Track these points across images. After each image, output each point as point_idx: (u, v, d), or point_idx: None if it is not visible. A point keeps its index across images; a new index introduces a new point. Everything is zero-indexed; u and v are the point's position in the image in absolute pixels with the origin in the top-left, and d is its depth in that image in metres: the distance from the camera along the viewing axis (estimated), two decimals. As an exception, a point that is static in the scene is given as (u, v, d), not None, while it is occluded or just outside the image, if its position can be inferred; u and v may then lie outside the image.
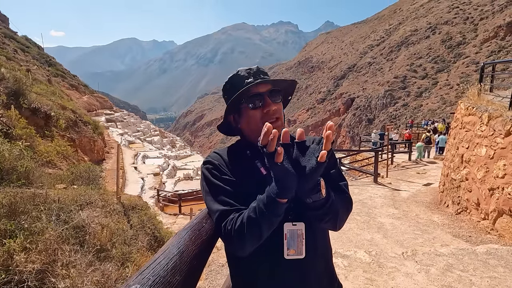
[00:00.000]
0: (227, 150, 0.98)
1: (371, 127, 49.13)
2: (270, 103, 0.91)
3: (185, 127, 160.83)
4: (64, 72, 32.14)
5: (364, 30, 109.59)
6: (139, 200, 7.08)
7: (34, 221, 3.60)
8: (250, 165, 0.91)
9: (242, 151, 0.96)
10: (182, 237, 0.65)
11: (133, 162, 16.72)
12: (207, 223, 0.78)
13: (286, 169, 0.71)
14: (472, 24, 61.12)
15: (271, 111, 0.91)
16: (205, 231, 0.75)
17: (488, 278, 2.57)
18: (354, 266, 2.67)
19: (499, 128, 4.23)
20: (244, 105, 0.92)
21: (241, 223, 0.77)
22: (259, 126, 0.87)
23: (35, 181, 5.02)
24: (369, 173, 9.02)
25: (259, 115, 0.91)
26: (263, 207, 0.74)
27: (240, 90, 0.90)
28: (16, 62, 18.02)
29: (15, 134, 6.57)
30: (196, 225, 0.75)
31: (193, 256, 0.60)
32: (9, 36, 27.29)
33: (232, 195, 0.84)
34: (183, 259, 0.56)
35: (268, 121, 0.80)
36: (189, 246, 0.63)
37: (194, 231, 0.72)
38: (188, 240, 0.65)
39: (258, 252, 0.83)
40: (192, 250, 0.62)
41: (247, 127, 0.95)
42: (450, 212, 5.31)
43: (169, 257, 0.54)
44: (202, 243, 0.70)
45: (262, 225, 0.75)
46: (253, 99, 0.90)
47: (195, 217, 0.80)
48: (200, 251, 0.65)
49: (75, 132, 11.48)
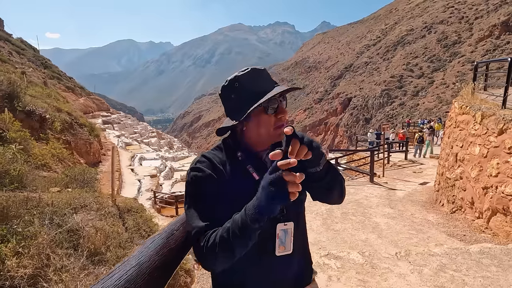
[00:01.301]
0: (217, 153, 0.94)
1: (368, 126, 49.23)
2: (283, 109, 0.90)
3: (183, 128, 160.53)
4: (60, 74, 31.97)
5: (361, 30, 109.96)
6: (134, 202, 7.04)
7: (27, 225, 3.57)
8: (242, 170, 0.90)
9: (233, 154, 0.93)
10: (147, 246, 0.63)
11: (130, 164, 16.65)
12: (178, 230, 0.76)
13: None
14: (467, 23, 61.50)
15: (285, 117, 0.90)
16: (175, 239, 0.72)
17: (481, 278, 2.57)
18: (347, 267, 2.66)
19: (492, 127, 4.24)
20: (258, 109, 0.87)
21: (213, 241, 0.75)
22: (270, 132, 0.89)
23: (28, 185, 4.98)
24: (365, 173, 9.03)
25: (272, 120, 0.89)
26: (238, 231, 0.72)
27: (266, 96, 0.85)
28: (11, 64, 17.90)
29: (9, 137, 6.52)
30: (165, 233, 0.73)
31: (154, 267, 0.58)
32: (4, 38, 27.13)
33: (215, 211, 0.82)
34: (142, 271, 0.54)
35: (279, 127, 0.88)
36: (152, 257, 0.60)
37: (162, 239, 0.70)
38: (153, 250, 0.63)
39: (250, 251, 0.83)
40: (154, 261, 0.60)
41: (256, 132, 0.91)
42: (445, 211, 5.32)
43: (125, 270, 0.52)
44: (169, 252, 0.67)
45: (236, 247, 0.74)
46: (271, 104, 0.87)
47: (168, 224, 0.78)
48: (165, 262, 0.63)
49: (70, 134, 11.42)
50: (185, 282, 5.90)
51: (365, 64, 78.21)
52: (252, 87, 0.89)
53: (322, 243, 3.93)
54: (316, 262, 2.74)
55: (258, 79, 0.90)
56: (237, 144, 0.95)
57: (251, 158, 0.93)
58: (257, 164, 0.92)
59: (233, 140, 0.96)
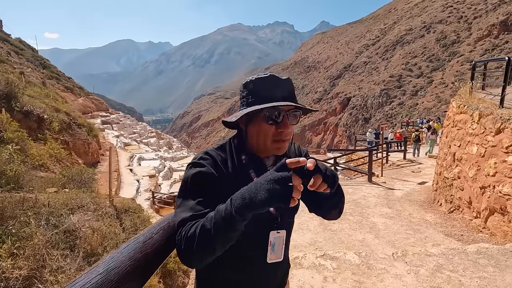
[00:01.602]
0: (221, 152, 0.92)
1: (367, 126, 49.25)
2: (287, 124, 0.86)
3: (182, 128, 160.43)
4: (59, 74, 31.91)
5: (360, 29, 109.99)
6: (132, 202, 7.02)
7: (23, 226, 3.56)
8: (244, 173, 0.90)
9: (237, 156, 0.92)
10: (120, 251, 0.61)
11: (129, 164, 16.62)
12: (158, 234, 0.74)
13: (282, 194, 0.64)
14: (466, 22, 61.54)
15: (285, 133, 0.87)
16: (152, 243, 0.70)
17: (477, 279, 2.56)
18: (343, 268, 2.65)
19: (489, 126, 4.24)
20: (259, 116, 0.86)
21: (193, 231, 0.71)
22: (267, 142, 0.87)
23: (25, 185, 4.96)
24: (363, 173, 9.02)
25: (272, 131, 0.86)
26: (221, 221, 0.68)
27: (269, 104, 0.83)
28: (10, 64, 17.84)
29: (6, 137, 6.49)
30: (143, 236, 0.71)
31: (125, 274, 0.56)
32: (2, 38, 27.08)
33: (207, 207, 0.79)
34: (109, 279, 0.52)
35: (277, 141, 0.87)
36: (123, 262, 0.57)
37: (137, 243, 0.67)
38: (126, 255, 0.60)
39: (240, 259, 0.88)
40: (126, 267, 0.57)
41: (255, 137, 0.90)
42: (443, 211, 5.31)
43: (90, 278, 0.50)
44: (144, 257, 0.65)
45: (217, 239, 0.69)
46: (273, 114, 0.84)
47: (148, 228, 0.76)
48: (138, 267, 0.61)
49: (69, 134, 11.38)
50: (183, 283, 5.88)
51: (364, 64, 78.24)
52: (262, 92, 0.87)
53: (318, 243, 3.92)
54: (312, 263, 2.73)
55: (272, 87, 0.87)
56: (242, 146, 0.93)
57: (255, 163, 0.92)
58: (260, 170, 0.90)
59: (238, 141, 0.95)
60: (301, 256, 2.85)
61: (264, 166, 0.93)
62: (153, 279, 4.99)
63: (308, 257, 2.82)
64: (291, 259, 2.88)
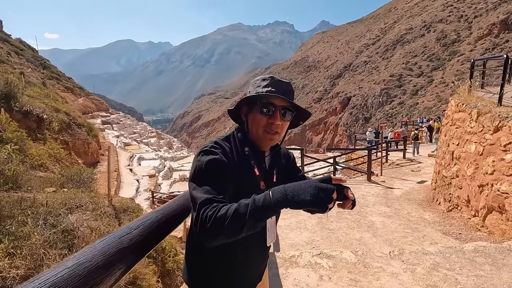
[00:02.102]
0: (227, 143, 1.00)
1: (367, 125, 49.22)
2: (278, 117, 0.97)
3: (182, 128, 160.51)
4: (59, 74, 31.92)
5: (360, 29, 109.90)
6: (131, 202, 7.02)
7: (20, 226, 3.55)
8: (246, 163, 0.99)
9: (241, 147, 1.01)
10: (93, 246, 0.59)
11: (129, 164, 16.63)
12: (137, 229, 0.73)
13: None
14: (466, 22, 61.47)
15: (275, 125, 0.98)
16: (130, 238, 0.69)
17: (474, 277, 2.56)
18: (339, 266, 2.64)
19: (488, 124, 4.23)
20: (256, 107, 0.98)
21: (225, 213, 0.76)
22: (259, 130, 0.99)
23: (23, 185, 4.96)
24: (362, 172, 9.01)
25: (264, 121, 0.98)
26: (257, 209, 0.75)
27: (259, 93, 0.98)
28: (10, 65, 17.86)
29: (5, 137, 6.49)
30: (121, 231, 0.70)
31: (95, 269, 0.55)
32: (2, 39, 27.11)
33: (222, 190, 0.86)
34: (77, 273, 0.50)
35: (267, 132, 0.99)
36: (95, 257, 0.56)
37: (114, 238, 0.66)
38: (99, 250, 0.59)
39: (242, 243, 0.94)
40: (97, 262, 0.56)
41: (251, 124, 1.01)
42: (441, 209, 5.31)
43: (56, 272, 0.49)
44: (119, 252, 0.63)
45: (246, 224, 0.75)
46: (266, 106, 0.97)
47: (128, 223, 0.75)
48: (111, 262, 0.60)
49: (68, 134, 11.39)
50: (182, 282, 5.89)
51: (365, 63, 78.18)
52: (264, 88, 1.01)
53: (316, 242, 3.91)
54: (308, 262, 2.72)
55: (273, 84, 1.01)
56: (245, 139, 1.03)
57: (256, 155, 1.03)
58: (260, 162, 1.03)
59: (242, 134, 1.04)
60: (297, 255, 2.85)
61: (263, 159, 1.06)
62: (152, 278, 4.99)
63: (304, 255, 2.81)
64: (287, 257, 2.88)
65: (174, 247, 6.40)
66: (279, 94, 0.97)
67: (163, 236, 0.91)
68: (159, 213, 0.91)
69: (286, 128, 1.03)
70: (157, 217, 0.88)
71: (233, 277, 1.02)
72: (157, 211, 0.93)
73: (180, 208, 1.09)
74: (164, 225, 0.90)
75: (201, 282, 1.03)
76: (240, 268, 1.03)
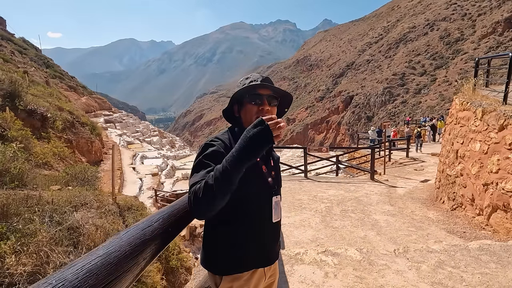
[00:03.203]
0: (227, 137, 1.14)
1: (370, 124, 49.05)
2: (266, 103, 1.15)
3: (185, 127, 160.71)
4: (62, 73, 32.06)
5: (362, 27, 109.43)
6: (135, 200, 7.06)
7: (27, 223, 3.59)
8: None
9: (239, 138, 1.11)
10: (120, 237, 0.62)
11: (132, 162, 16.70)
12: (157, 221, 0.76)
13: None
14: (470, 20, 60.99)
15: (265, 110, 1.14)
16: (152, 230, 0.72)
17: (479, 275, 2.56)
18: (344, 264, 2.65)
19: (492, 123, 4.21)
20: (246, 100, 1.15)
21: (199, 187, 0.89)
22: (252, 119, 1.11)
23: (29, 183, 5.00)
24: (365, 170, 9.00)
25: (255, 110, 1.14)
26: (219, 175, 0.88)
27: (245, 86, 1.15)
28: (13, 64, 17.98)
29: (10, 136, 6.54)
30: (142, 223, 0.72)
31: (123, 257, 0.57)
32: (6, 38, 27.25)
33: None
34: (108, 261, 0.53)
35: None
36: (123, 247, 0.59)
37: (137, 230, 0.69)
38: (125, 240, 0.62)
39: (252, 219, 1.11)
40: (124, 252, 0.58)
41: (244, 117, 1.17)
42: (445, 208, 5.30)
43: (90, 259, 0.52)
44: (143, 243, 0.67)
45: (217, 191, 0.87)
46: (254, 97, 1.14)
47: (148, 216, 0.77)
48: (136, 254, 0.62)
49: (72, 133, 11.45)
50: (185, 280, 5.92)
51: (367, 62, 77.85)
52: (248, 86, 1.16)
53: (320, 240, 3.92)
54: (313, 259, 2.73)
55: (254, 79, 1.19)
56: (242, 131, 1.09)
57: None
58: None
59: (239, 127, 1.19)
60: (302, 252, 2.86)
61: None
62: (156, 276, 5.02)
63: (309, 253, 2.82)
64: (292, 255, 2.89)
65: (177, 245, 6.43)
66: (264, 84, 1.14)
67: (180, 230, 0.97)
68: (175, 208, 0.95)
69: (274, 114, 1.18)
70: (173, 211, 0.92)
71: (243, 252, 1.11)
72: (173, 206, 0.96)
73: None
74: (180, 219, 0.94)
75: (213, 259, 1.13)
76: (250, 245, 1.12)
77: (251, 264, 1.13)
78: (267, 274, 1.21)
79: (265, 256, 1.19)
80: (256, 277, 1.14)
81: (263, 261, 1.17)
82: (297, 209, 5.40)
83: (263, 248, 1.17)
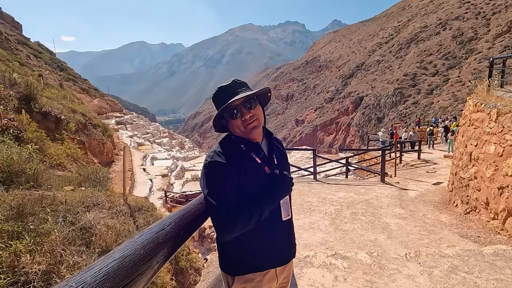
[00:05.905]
0: (224, 147, 1.15)
1: (380, 126, 48.41)
2: (245, 112, 1.12)
3: (194, 128, 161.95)
4: (75, 76, 32.81)
5: (372, 27, 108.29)
6: (145, 201, 7.15)
7: (41, 223, 3.67)
8: (246, 156, 1.14)
9: (236, 146, 1.16)
10: (134, 240, 0.64)
11: (142, 163, 16.92)
12: (169, 225, 0.78)
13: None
14: (484, 19, 59.60)
15: (248, 118, 1.12)
16: (164, 234, 0.74)
17: (494, 281, 2.49)
18: (354, 267, 2.62)
19: (508, 125, 4.10)
20: (227, 117, 1.15)
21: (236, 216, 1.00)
22: (242, 130, 1.14)
23: (43, 184, 5.12)
24: (376, 173, 8.88)
25: (239, 122, 1.13)
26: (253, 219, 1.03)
27: (221, 108, 1.12)
28: (29, 67, 18.49)
29: (26, 137, 6.72)
30: (155, 227, 0.74)
31: (138, 261, 0.59)
32: (22, 42, 28.04)
33: (231, 192, 1.05)
34: (124, 264, 0.55)
35: (247, 125, 1.13)
36: (137, 250, 0.61)
37: (151, 233, 0.70)
38: (140, 244, 0.63)
39: (264, 221, 1.11)
40: (139, 255, 0.60)
41: (233, 130, 1.17)
42: (459, 211, 5.18)
43: (107, 262, 0.53)
44: (157, 247, 0.68)
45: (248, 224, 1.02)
46: (231, 112, 1.12)
47: (160, 220, 0.79)
48: (150, 257, 0.64)
49: (84, 135, 11.69)
50: (194, 281, 5.95)
51: (377, 63, 76.95)
52: (219, 100, 1.15)
53: (330, 243, 3.89)
54: (322, 262, 2.71)
55: (224, 93, 1.15)
56: (239, 139, 1.18)
57: (252, 147, 1.17)
58: (258, 151, 1.18)
59: (234, 136, 1.19)
60: (311, 255, 2.84)
61: (259, 147, 1.20)
62: (166, 276, 5.07)
63: (318, 256, 2.80)
64: (301, 258, 2.88)
65: (187, 246, 6.48)
66: (232, 94, 1.11)
67: (191, 233, 0.99)
68: (186, 211, 0.96)
69: (260, 111, 1.17)
70: (185, 215, 0.93)
71: (256, 253, 1.14)
72: (184, 209, 0.98)
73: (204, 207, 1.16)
74: (191, 223, 0.96)
75: (226, 260, 1.17)
76: (262, 245, 1.15)
77: (264, 264, 1.16)
78: (280, 277, 1.22)
79: (278, 255, 1.21)
80: (267, 279, 1.16)
81: (276, 260, 1.19)
82: (306, 212, 5.37)
83: (275, 247, 1.19)
